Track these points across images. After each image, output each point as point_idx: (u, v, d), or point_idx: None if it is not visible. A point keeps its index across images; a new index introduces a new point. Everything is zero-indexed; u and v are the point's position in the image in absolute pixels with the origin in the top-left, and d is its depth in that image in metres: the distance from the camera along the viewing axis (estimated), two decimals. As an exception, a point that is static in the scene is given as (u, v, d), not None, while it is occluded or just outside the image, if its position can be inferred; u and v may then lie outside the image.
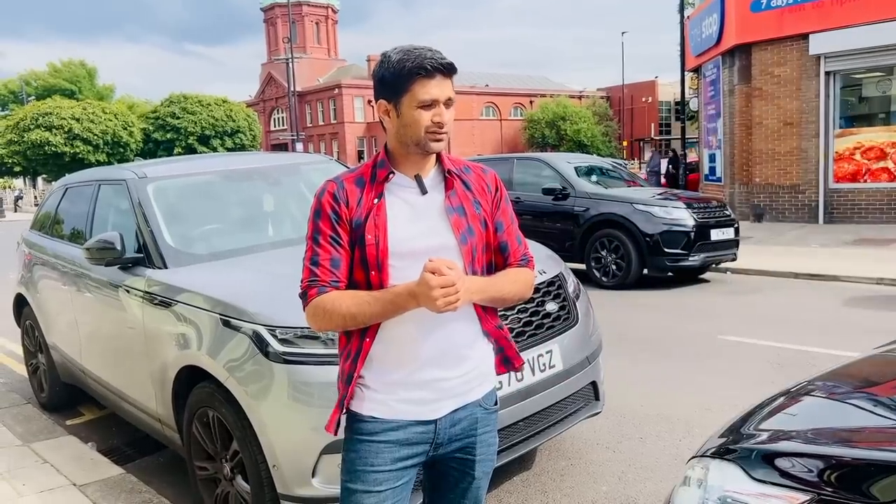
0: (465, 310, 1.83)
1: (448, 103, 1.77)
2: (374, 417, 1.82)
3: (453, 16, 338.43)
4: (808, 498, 1.55)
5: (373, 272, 1.77)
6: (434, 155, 1.85)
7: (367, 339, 1.81)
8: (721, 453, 1.81)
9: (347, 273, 1.80)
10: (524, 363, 2.05)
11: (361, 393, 1.84)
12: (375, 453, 1.82)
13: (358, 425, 1.84)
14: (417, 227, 1.80)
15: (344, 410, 1.86)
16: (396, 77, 1.73)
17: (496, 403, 1.99)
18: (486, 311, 1.90)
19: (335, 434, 1.86)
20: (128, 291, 3.75)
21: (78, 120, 44.60)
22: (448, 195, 1.84)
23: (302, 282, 1.81)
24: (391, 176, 1.81)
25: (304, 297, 1.80)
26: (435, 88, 1.73)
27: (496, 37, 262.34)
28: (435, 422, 1.84)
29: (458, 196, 1.85)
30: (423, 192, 1.83)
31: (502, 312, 3.08)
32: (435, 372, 1.82)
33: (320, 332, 1.87)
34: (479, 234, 1.86)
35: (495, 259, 1.92)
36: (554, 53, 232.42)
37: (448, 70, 1.75)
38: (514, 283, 1.89)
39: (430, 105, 1.74)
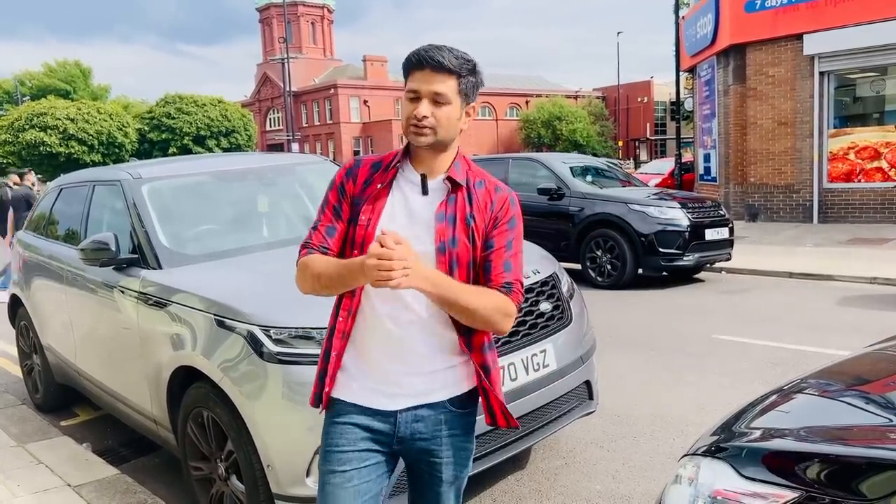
0: (441, 316, 1.83)
1: (436, 100, 1.77)
2: (340, 399, 1.90)
3: (449, 15, 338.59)
4: (797, 495, 1.56)
5: (356, 251, 1.82)
6: (449, 159, 1.86)
7: (342, 317, 1.88)
8: (712, 451, 1.82)
9: (340, 243, 1.88)
10: (516, 426, 1.97)
11: (340, 378, 1.90)
12: (340, 434, 1.88)
13: (331, 407, 1.92)
14: (407, 225, 1.81)
15: (325, 388, 1.90)
16: (403, 68, 1.83)
17: (468, 408, 1.96)
18: (464, 329, 1.86)
19: (316, 406, 1.94)
20: (122, 292, 3.75)
21: (73, 120, 44.42)
22: (445, 202, 1.84)
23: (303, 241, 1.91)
24: (400, 167, 1.87)
25: (298, 254, 1.89)
26: (419, 81, 1.77)
27: (491, 36, 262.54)
28: (395, 414, 1.87)
29: (455, 206, 1.84)
30: (424, 192, 1.84)
31: None
32: (397, 367, 1.86)
33: (305, 293, 1.88)
34: (464, 247, 1.82)
35: (479, 278, 1.86)
36: (549, 53, 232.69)
37: (437, 66, 1.75)
38: (479, 297, 1.78)
39: (414, 97, 1.78)
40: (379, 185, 1.85)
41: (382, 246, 1.59)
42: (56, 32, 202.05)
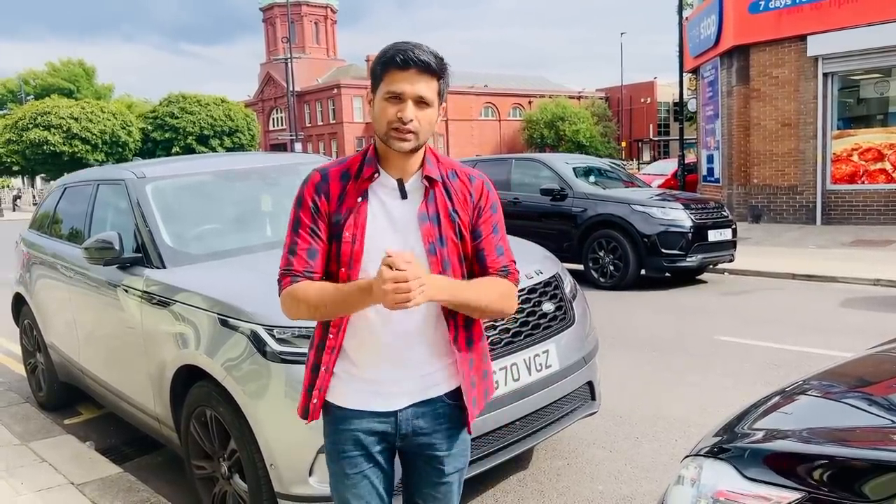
0: (434, 315, 1.84)
1: (421, 103, 1.72)
2: (339, 406, 1.89)
3: (452, 16, 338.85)
4: (799, 496, 1.56)
5: (343, 269, 1.80)
6: (420, 157, 1.83)
7: (332, 334, 1.85)
8: (715, 452, 1.82)
9: (324, 264, 1.83)
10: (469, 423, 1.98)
11: (333, 383, 1.89)
12: (346, 440, 1.89)
13: (331, 414, 1.91)
14: (391, 233, 1.80)
15: (313, 399, 1.89)
16: (376, 66, 1.75)
17: (461, 400, 1.95)
18: (457, 326, 1.88)
19: (304, 418, 1.92)
20: (126, 291, 3.76)
21: (76, 119, 44.53)
22: (425, 202, 1.82)
23: (279, 269, 1.84)
24: (376, 176, 1.82)
25: (279, 283, 1.84)
26: (404, 82, 1.70)
27: (495, 37, 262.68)
28: (395, 413, 1.88)
29: (436, 204, 1.82)
30: (403, 196, 1.82)
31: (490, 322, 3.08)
32: (393, 373, 1.86)
33: (293, 320, 1.88)
34: (453, 244, 1.83)
35: (473, 268, 1.89)
36: (552, 53, 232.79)
37: (424, 67, 1.70)
38: (485, 292, 1.82)
39: (396, 98, 1.71)
40: (359, 199, 1.80)
41: (392, 267, 1.56)
42: (58, 32, 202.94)
